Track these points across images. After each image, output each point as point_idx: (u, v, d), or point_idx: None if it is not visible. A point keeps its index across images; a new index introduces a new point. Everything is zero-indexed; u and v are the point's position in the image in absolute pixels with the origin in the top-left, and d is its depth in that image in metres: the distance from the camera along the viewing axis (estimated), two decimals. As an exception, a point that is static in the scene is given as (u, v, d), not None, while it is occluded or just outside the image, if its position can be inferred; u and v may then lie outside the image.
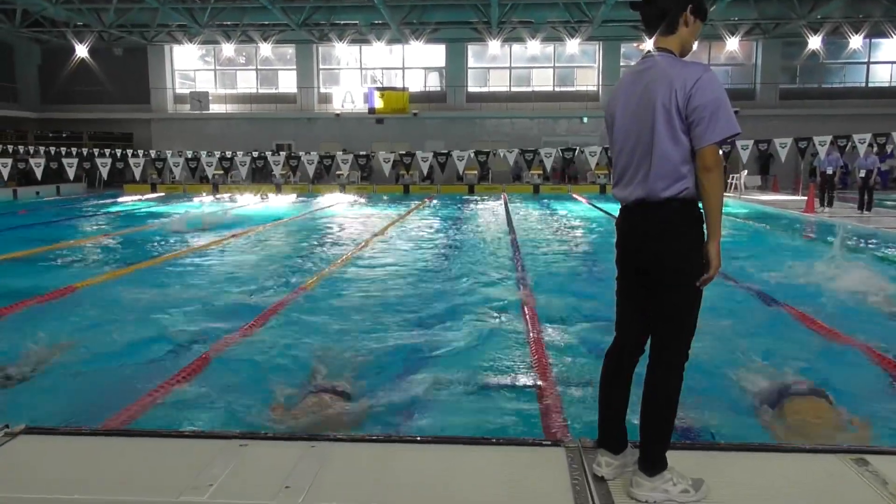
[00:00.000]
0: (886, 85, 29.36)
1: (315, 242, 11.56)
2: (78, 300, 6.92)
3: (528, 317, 6.22)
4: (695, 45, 2.84)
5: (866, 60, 29.33)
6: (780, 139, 19.71)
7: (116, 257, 9.54)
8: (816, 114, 27.64)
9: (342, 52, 29.87)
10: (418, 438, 3.31)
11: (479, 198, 23.55)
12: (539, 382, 4.42)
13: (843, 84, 29.60)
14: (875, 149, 16.53)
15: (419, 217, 16.19)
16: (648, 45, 2.80)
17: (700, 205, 2.64)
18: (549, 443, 3.17)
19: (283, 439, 3.22)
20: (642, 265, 2.71)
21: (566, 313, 6.43)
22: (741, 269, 8.66)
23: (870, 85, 29.52)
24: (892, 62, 29.28)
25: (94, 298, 6.90)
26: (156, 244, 10.97)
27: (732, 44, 27.27)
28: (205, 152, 25.60)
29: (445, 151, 24.29)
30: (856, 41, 26.41)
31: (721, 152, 2.62)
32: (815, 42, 26.27)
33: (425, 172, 26.24)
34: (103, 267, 8.72)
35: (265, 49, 29.07)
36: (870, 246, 11.28)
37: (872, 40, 28.38)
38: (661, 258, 2.63)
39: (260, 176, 27.46)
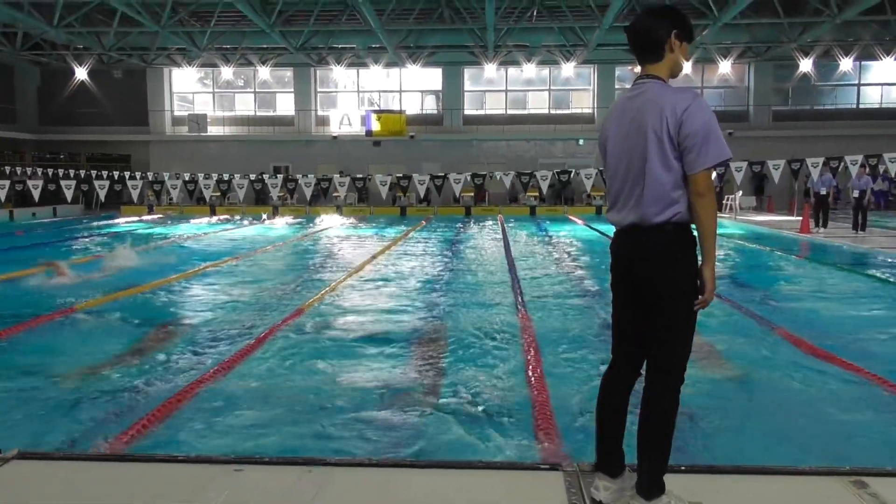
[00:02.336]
0: (877, 106, 29.67)
1: (306, 265, 11.53)
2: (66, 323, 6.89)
3: (524, 339, 6.20)
4: (686, 65, 2.88)
5: (857, 82, 29.66)
6: (773, 160, 19.89)
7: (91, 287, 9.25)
8: (809, 135, 27.89)
9: (340, 75, 30.11)
10: (415, 463, 3.28)
11: (475, 220, 23.58)
12: (536, 405, 4.40)
13: (834, 106, 29.90)
14: (867, 169, 16.67)
15: (415, 240, 16.17)
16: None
17: (693, 228, 2.65)
18: (547, 466, 3.14)
19: (279, 464, 3.19)
20: (637, 289, 2.72)
21: (563, 336, 6.41)
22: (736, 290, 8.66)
23: (861, 106, 29.82)
24: (882, 84, 29.62)
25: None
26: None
27: (725, 67, 27.59)
28: (202, 174, 25.69)
29: (442, 174, 24.44)
30: (846, 63, 26.74)
31: (715, 174, 2.64)
32: (806, 65, 26.60)
33: (422, 195, 26.26)
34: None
35: (263, 72, 29.29)
36: (867, 265, 11.32)
37: (862, 63, 28.73)
38: (655, 282, 2.65)
39: (258, 198, 27.53)
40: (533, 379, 4.97)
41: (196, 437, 3.98)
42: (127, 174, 25.01)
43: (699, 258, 2.65)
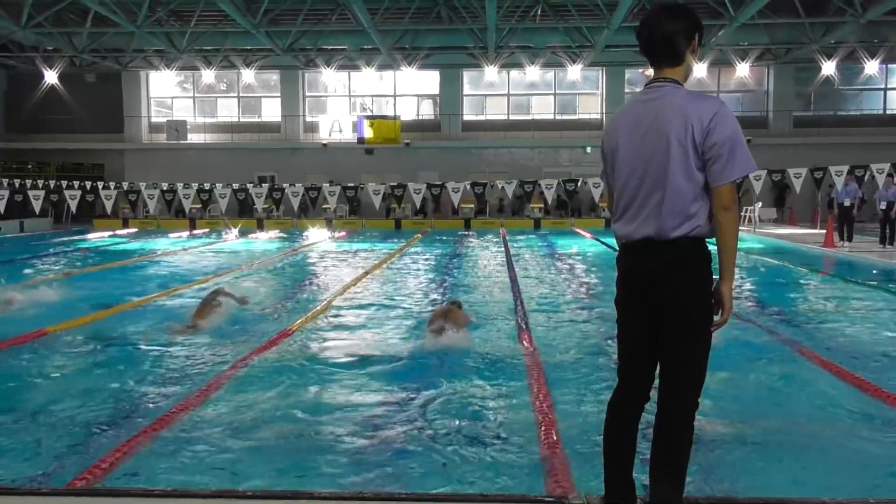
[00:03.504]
0: (905, 112, 29.88)
1: (288, 286, 11.50)
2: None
3: (528, 362, 6.20)
4: (699, 67, 2.92)
5: (883, 86, 29.88)
6: (794, 169, 20.00)
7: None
8: (832, 142, 28.04)
9: (329, 78, 30.28)
10: (410, 496, 3.26)
11: (475, 233, 23.61)
12: (541, 435, 4.39)
13: (859, 111, 30.10)
14: (895, 179, 16.74)
15: (410, 256, 16.17)
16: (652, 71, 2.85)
17: (709, 243, 2.66)
18: (553, 499, 3.13)
19: (263, 497, 3.17)
20: (649, 308, 2.72)
21: (570, 357, 6.41)
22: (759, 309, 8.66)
23: (887, 112, 30.03)
24: (911, 88, 29.85)
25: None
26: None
27: (743, 70, 27.77)
28: (181, 185, 25.74)
29: (439, 183, 24.54)
30: (871, 66, 26.93)
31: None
32: (829, 68, 26.77)
33: (418, 206, 26.37)
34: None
35: (248, 75, 29.45)
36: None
37: (889, 66, 28.96)
38: (670, 300, 2.65)
39: (241, 210, 27.57)
40: (537, 403, 4.96)
41: (173, 470, 3.97)
42: (100, 185, 25.04)
43: (715, 274, 2.66)
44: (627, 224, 2.76)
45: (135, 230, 25.22)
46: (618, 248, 2.96)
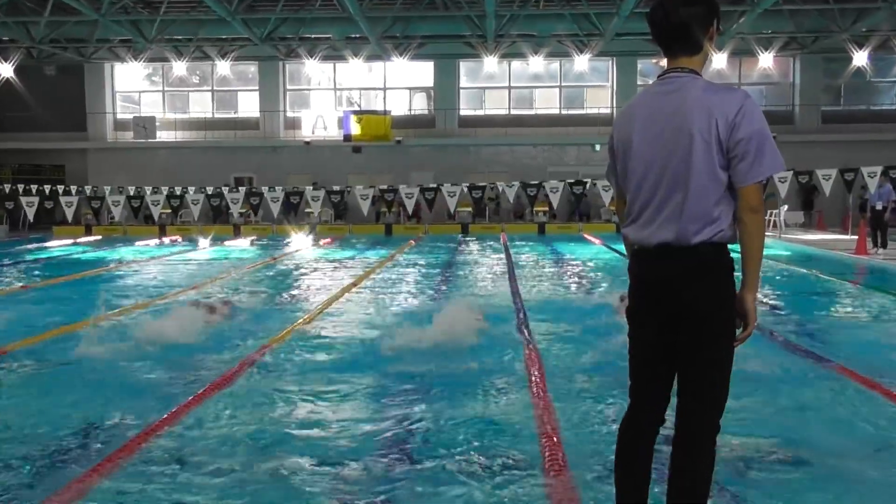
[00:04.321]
0: (944, 106, 30.04)
1: (264, 299, 11.48)
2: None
3: (532, 379, 6.20)
4: (719, 57, 2.95)
5: (920, 78, 30.06)
6: (823, 169, 20.07)
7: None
8: (864, 139, 28.18)
9: (313, 69, 30.34)
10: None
11: (473, 239, 23.61)
12: (547, 462, 4.38)
13: (893, 106, 30.24)
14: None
15: (401, 265, 16.17)
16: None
17: (732, 250, 2.67)
18: (560, 534, 3.12)
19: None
20: (666, 315, 2.71)
21: (579, 377, 6.40)
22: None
23: (926, 106, 30.19)
24: (950, 80, 30.02)
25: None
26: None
27: (766, 60, 27.87)
28: (150, 188, 25.78)
29: (434, 185, 24.63)
30: (907, 56, 27.05)
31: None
32: (860, 58, 26.88)
33: (410, 210, 26.42)
34: None
35: (223, 67, 29.51)
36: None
37: (926, 56, 29.14)
38: (690, 307, 2.65)
39: (215, 215, 27.56)
40: (542, 427, 4.97)
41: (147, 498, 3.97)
42: (60, 189, 25.07)
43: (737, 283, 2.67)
44: (642, 228, 2.76)
45: (99, 238, 25.16)
46: (627, 254, 2.96)
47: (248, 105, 31.97)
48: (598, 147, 29.76)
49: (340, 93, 32.22)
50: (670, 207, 2.66)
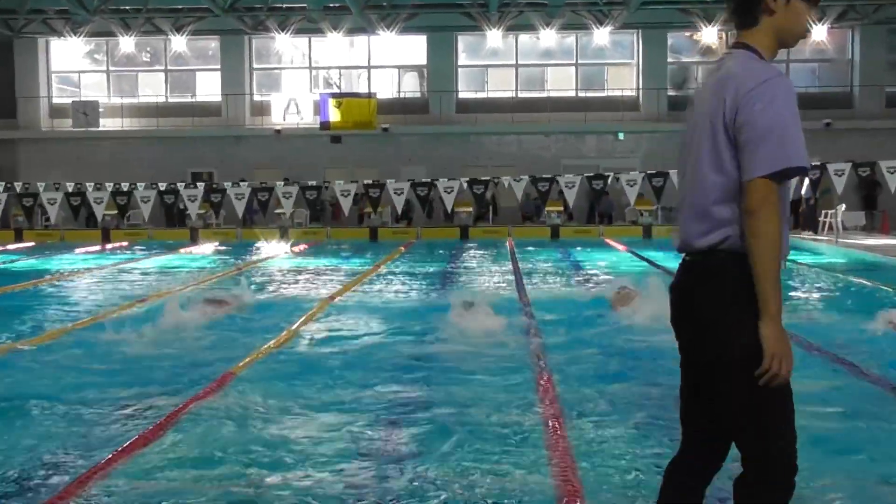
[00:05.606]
0: None
1: (219, 325, 11.37)
2: None
3: (546, 413, 6.17)
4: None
5: None
6: (887, 162, 20.02)
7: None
8: (937, 126, 28.20)
9: (284, 45, 30.39)
10: None
11: (475, 246, 23.59)
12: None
13: (970, 86, 30.31)
14: None
15: (387, 278, 16.09)
16: (707, 33, 2.87)
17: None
18: None
19: None
20: (686, 345, 2.82)
21: (603, 405, 6.38)
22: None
23: None
24: None
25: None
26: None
27: (819, 33, 27.86)
28: (92, 185, 25.72)
29: (428, 181, 24.58)
30: None
31: (807, 181, 2.64)
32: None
33: (400, 210, 26.41)
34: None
35: (178, 43, 29.53)
36: None
37: None
38: (706, 336, 2.67)
39: (169, 217, 27.51)
40: (559, 468, 4.96)
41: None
42: (-16, 185, 24.98)
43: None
44: (676, 231, 2.89)
45: (31, 244, 25.10)
46: None
47: (208, 88, 31.99)
48: (621, 135, 29.80)
49: (317, 73, 32.23)
50: (686, 205, 2.78)
